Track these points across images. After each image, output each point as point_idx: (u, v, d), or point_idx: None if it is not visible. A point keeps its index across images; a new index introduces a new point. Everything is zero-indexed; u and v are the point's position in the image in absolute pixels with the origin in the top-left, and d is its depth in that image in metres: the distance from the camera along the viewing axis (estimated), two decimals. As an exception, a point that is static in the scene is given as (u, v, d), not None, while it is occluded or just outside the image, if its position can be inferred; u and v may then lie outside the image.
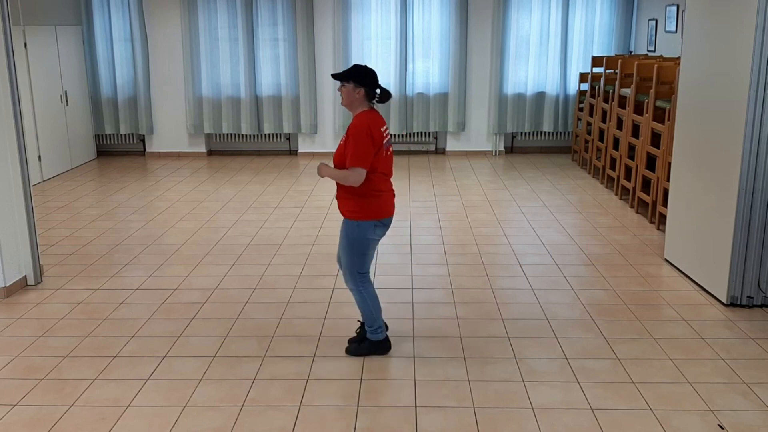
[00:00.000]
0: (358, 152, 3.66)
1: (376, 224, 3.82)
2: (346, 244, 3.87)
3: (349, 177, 3.70)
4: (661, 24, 9.21)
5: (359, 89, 3.75)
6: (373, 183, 3.77)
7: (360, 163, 3.67)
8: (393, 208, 3.91)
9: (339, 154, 3.80)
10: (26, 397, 3.66)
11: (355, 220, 3.81)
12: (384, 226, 3.88)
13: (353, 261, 3.89)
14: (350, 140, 3.70)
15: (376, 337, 4.05)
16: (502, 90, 10.28)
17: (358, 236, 3.82)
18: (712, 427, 3.36)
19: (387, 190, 3.86)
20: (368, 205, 3.79)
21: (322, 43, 10.19)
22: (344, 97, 3.79)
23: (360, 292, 3.96)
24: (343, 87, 3.79)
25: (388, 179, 3.88)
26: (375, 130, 3.71)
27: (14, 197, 5.13)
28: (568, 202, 7.66)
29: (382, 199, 3.82)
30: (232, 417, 3.46)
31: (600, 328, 4.45)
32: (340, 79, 3.78)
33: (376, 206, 3.80)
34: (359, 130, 3.68)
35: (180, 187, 8.53)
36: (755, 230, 4.63)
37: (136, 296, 5.04)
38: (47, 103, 9.00)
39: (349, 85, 3.76)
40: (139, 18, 10.03)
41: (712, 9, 4.91)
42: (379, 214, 3.81)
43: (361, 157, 3.66)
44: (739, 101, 4.54)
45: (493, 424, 3.39)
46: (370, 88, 3.76)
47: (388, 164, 3.85)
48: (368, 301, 3.97)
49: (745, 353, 4.10)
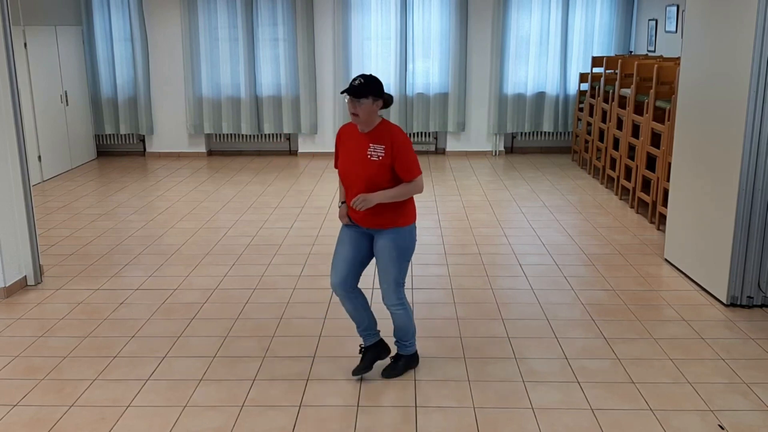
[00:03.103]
0: (415, 161, 3.56)
1: (415, 225, 3.71)
2: (396, 256, 3.61)
3: (415, 188, 3.56)
4: (661, 24, 9.21)
5: (378, 101, 3.52)
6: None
7: (420, 170, 3.58)
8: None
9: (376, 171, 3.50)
10: (26, 397, 3.66)
11: (405, 226, 3.63)
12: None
13: (401, 271, 3.66)
14: (402, 153, 3.51)
15: (411, 350, 3.89)
16: (502, 90, 10.28)
17: (411, 241, 3.66)
18: (712, 427, 3.36)
19: None
20: (410, 208, 3.66)
21: (322, 43, 10.19)
22: (362, 113, 3.48)
23: (404, 305, 3.74)
24: (359, 103, 3.47)
25: None
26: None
27: (14, 197, 5.13)
28: (568, 202, 7.66)
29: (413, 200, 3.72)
30: (232, 417, 3.46)
31: (600, 328, 4.45)
32: (357, 95, 3.46)
33: (413, 207, 3.70)
34: (406, 140, 3.54)
35: (180, 187, 8.53)
36: (755, 230, 4.63)
37: (136, 296, 5.04)
38: (47, 103, 9.00)
39: (368, 101, 3.48)
40: (139, 18, 10.03)
41: (712, 9, 4.91)
42: (415, 214, 3.71)
43: (418, 164, 3.57)
44: (739, 101, 4.54)
45: (493, 424, 3.39)
46: (385, 97, 3.60)
47: None
48: (408, 314, 3.77)
49: (745, 353, 4.10)
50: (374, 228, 3.64)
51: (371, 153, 3.52)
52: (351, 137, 3.64)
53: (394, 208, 3.58)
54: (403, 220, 3.61)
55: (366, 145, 3.54)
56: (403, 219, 3.61)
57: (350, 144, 3.63)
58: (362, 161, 3.54)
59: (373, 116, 3.54)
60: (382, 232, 3.63)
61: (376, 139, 3.53)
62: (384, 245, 3.62)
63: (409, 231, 3.64)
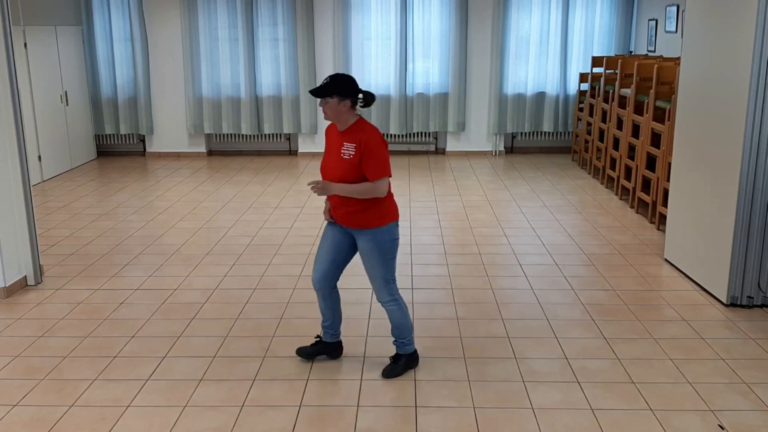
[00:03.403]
0: (382, 163, 3.56)
1: (397, 223, 3.74)
2: (378, 255, 3.67)
3: (376, 190, 3.56)
4: (661, 24, 9.21)
5: (345, 101, 3.54)
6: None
7: (386, 173, 3.58)
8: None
9: (346, 168, 3.57)
10: (26, 398, 3.66)
11: (383, 225, 3.65)
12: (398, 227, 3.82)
13: (388, 269, 3.70)
14: (370, 153, 3.53)
15: (409, 348, 3.89)
16: (502, 90, 10.28)
17: (389, 240, 3.68)
18: (712, 427, 3.36)
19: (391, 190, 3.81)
20: (388, 207, 3.68)
21: (322, 43, 10.19)
22: (329, 112, 3.56)
23: (397, 301, 3.77)
24: (325, 103, 3.55)
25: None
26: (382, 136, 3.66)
27: (14, 197, 5.13)
28: (568, 202, 7.66)
29: (393, 199, 3.76)
30: (232, 417, 3.46)
31: (600, 328, 4.45)
32: (321, 95, 3.54)
33: (393, 207, 3.72)
34: (377, 141, 3.55)
35: (180, 187, 8.53)
36: (755, 230, 4.63)
37: (136, 296, 5.04)
38: (47, 104, 9.01)
39: (333, 100, 3.53)
40: (139, 18, 10.03)
41: (712, 9, 4.91)
42: (396, 214, 3.74)
43: (385, 167, 3.57)
44: (739, 101, 4.54)
45: (493, 424, 3.39)
46: (354, 96, 3.57)
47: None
48: (404, 310, 3.80)
49: (745, 353, 4.10)
50: (352, 227, 3.70)
51: (344, 151, 3.59)
52: (332, 135, 3.73)
53: (369, 208, 3.62)
54: (379, 221, 3.65)
55: (341, 143, 3.61)
56: (379, 220, 3.65)
57: (330, 141, 3.73)
58: (336, 159, 3.62)
59: (344, 115, 3.59)
60: (361, 232, 3.68)
61: (350, 137, 3.58)
62: (364, 246, 3.70)
63: (387, 230, 3.67)
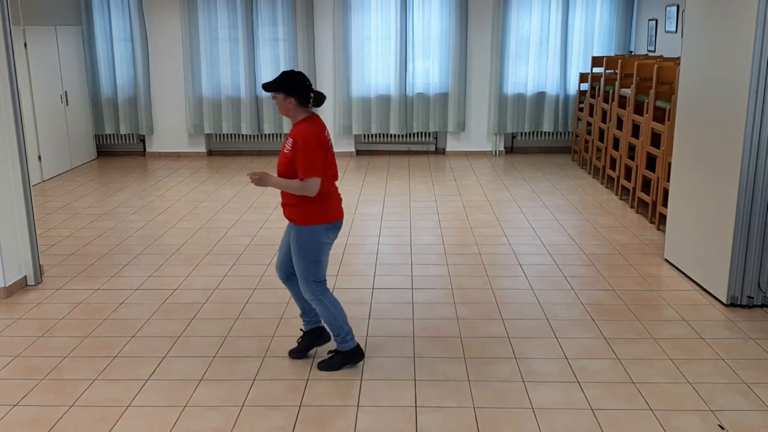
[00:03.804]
0: (310, 162, 3.59)
1: (328, 227, 3.74)
2: (299, 253, 3.73)
3: (304, 188, 3.61)
4: (661, 24, 9.22)
5: (290, 98, 3.62)
6: (324, 187, 3.69)
7: (315, 173, 3.59)
8: (342, 211, 3.83)
9: (284, 163, 3.67)
10: (26, 397, 3.66)
11: (307, 225, 3.70)
12: (336, 229, 3.80)
13: (308, 269, 3.74)
14: (300, 150, 3.59)
15: (347, 346, 3.90)
16: (502, 90, 10.29)
17: (311, 242, 3.71)
18: (712, 427, 3.36)
19: (334, 192, 3.79)
20: (319, 209, 3.70)
21: (322, 43, 10.19)
22: (279, 107, 3.68)
23: (320, 301, 3.80)
24: (275, 98, 3.67)
25: (334, 183, 3.80)
26: (322, 137, 3.66)
27: (14, 197, 5.13)
28: (568, 202, 7.66)
29: (333, 203, 3.76)
30: (232, 417, 3.47)
31: (600, 328, 4.45)
32: (269, 90, 3.66)
33: (327, 209, 3.72)
34: (308, 139, 3.59)
35: (180, 187, 8.53)
36: (755, 230, 4.63)
37: (136, 296, 5.04)
38: (47, 104, 9.01)
39: (280, 96, 3.64)
40: (139, 18, 10.03)
41: (712, 9, 4.91)
42: (331, 217, 3.74)
43: (314, 167, 3.60)
44: (739, 101, 4.54)
45: (493, 424, 3.39)
46: (301, 94, 3.63)
47: (335, 167, 3.78)
48: (330, 309, 3.82)
49: (745, 353, 4.10)
50: (288, 220, 3.83)
51: (286, 146, 3.71)
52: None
53: (299, 205, 3.71)
54: (306, 220, 3.70)
55: (288, 138, 3.72)
56: (306, 219, 3.70)
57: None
58: (282, 154, 3.74)
59: (291, 111, 3.68)
60: (293, 226, 3.79)
61: (292, 133, 3.69)
62: (291, 241, 3.81)
63: (311, 231, 3.70)
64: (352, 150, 10.62)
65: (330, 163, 3.73)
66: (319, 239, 3.72)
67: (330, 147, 3.76)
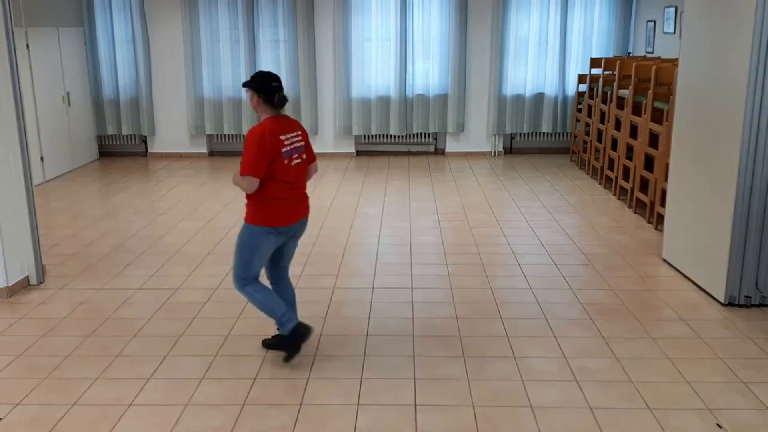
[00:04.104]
0: (248, 161, 3.67)
1: (270, 231, 3.79)
2: (237, 246, 3.86)
3: (241, 183, 3.71)
4: (660, 25, 9.24)
5: (254, 96, 3.76)
6: (270, 190, 3.74)
7: (250, 172, 3.66)
8: (291, 218, 3.84)
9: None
10: (28, 397, 3.69)
11: (249, 223, 3.80)
12: (279, 234, 3.83)
13: (239, 264, 3.85)
14: (244, 147, 3.72)
15: (285, 329, 3.93)
16: (502, 91, 10.31)
17: (250, 240, 3.79)
18: (711, 427, 3.38)
19: (285, 198, 3.80)
20: (264, 211, 3.77)
21: (323, 45, 10.21)
22: (250, 103, 3.83)
23: (245, 291, 3.91)
24: (248, 92, 3.84)
25: (292, 188, 3.82)
26: (270, 138, 3.67)
27: (17, 198, 5.15)
28: (567, 202, 7.68)
29: (279, 208, 3.79)
30: (233, 416, 3.49)
31: (599, 328, 4.47)
32: (245, 86, 3.83)
33: (270, 213, 3.77)
34: (252, 139, 3.68)
35: (182, 187, 8.55)
36: (753, 230, 4.66)
37: (137, 296, 5.07)
38: (50, 105, 9.03)
39: (249, 92, 3.80)
40: (140, 19, 10.06)
41: (711, 10, 4.93)
42: (272, 221, 3.78)
43: (250, 166, 3.66)
44: (737, 102, 4.56)
45: (492, 423, 3.41)
46: (266, 93, 3.72)
47: (291, 173, 3.79)
48: (256, 296, 3.90)
49: (743, 353, 4.13)
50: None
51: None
52: None
53: (250, 204, 3.82)
54: (248, 217, 3.83)
55: None
56: (249, 216, 3.82)
57: None
58: None
59: (258, 108, 3.80)
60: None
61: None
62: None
63: (250, 230, 3.80)
64: (352, 151, 10.64)
65: (282, 168, 3.74)
66: (258, 240, 3.79)
67: (284, 151, 3.74)
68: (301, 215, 3.94)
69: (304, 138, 3.93)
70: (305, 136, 3.95)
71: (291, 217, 3.85)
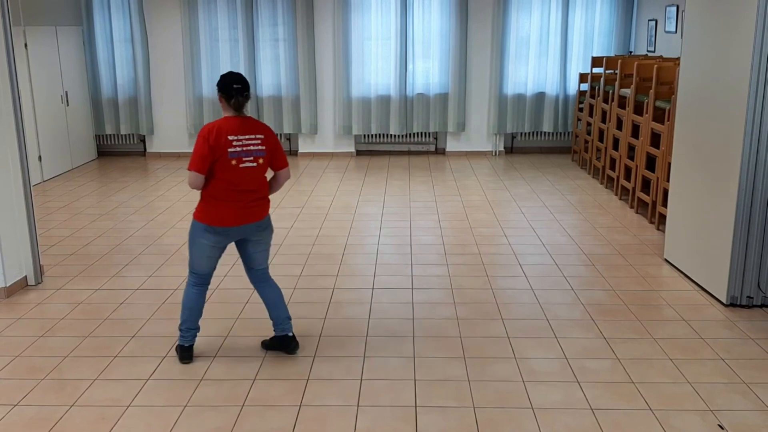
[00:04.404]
0: (193, 156, 3.72)
1: (206, 229, 3.80)
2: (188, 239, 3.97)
3: (188, 177, 3.78)
4: (661, 24, 9.22)
5: (218, 94, 3.81)
6: (211, 189, 3.76)
7: (192, 167, 3.71)
8: (231, 220, 3.79)
9: None
10: (27, 397, 3.67)
11: (194, 218, 3.87)
12: (216, 234, 3.81)
13: (190, 256, 3.94)
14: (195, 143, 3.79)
15: (179, 340, 4.04)
16: (502, 90, 10.29)
17: (192, 234, 3.88)
18: (712, 427, 3.36)
19: (226, 200, 3.77)
20: (204, 208, 3.81)
21: (323, 44, 10.19)
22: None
23: (187, 286, 4.00)
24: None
25: (239, 191, 3.77)
26: (216, 136, 3.67)
27: (15, 197, 5.13)
28: (568, 202, 7.67)
29: (217, 207, 3.78)
30: (232, 417, 3.47)
31: (600, 328, 4.45)
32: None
33: (208, 211, 3.79)
34: (200, 134, 3.72)
35: (180, 187, 8.53)
36: (755, 230, 4.64)
37: (136, 296, 5.05)
38: (48, 104, 9.01)
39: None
40: (139, 19, 10.04)
41: (712, 9, 4.91)
42: (209, 219, 3.79)
43: (194, 161, 3.70)
44: (739, 101, 4.54)
45: (493, 424, 3.39)
46: (226, 94, 3.74)
47: (237, 175, 3.74)
48: (184, 299, 3.99)
49: (744, 353, 4.11)
50: None
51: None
52: None
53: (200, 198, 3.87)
54: (195, 212, 3.87)
55: None
56: (195, 210, 3.88)
57: None
58: None
59: (221, 106, 3.82)
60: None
61: None
62: None
63: (194, 224, 3.88)
64: (352, 150, 10.62)
65: (228, 168, 3.71)
66: (196, 235, 3.86)
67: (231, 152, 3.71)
68: (249, 220, 3.86)
69: (269, 143, 3.83)
70: (271, 142, 3.84)
71: (230, 219, 3.80)
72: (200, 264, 3.93)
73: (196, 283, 3.97)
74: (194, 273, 3.97)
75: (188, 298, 3.99)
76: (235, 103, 3.75)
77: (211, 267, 3.96)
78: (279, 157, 3.92)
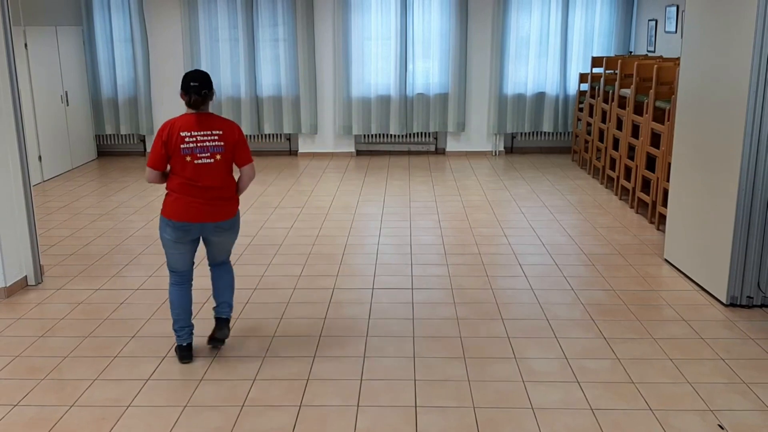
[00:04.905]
0: (150, 152, 3.84)
1: (167, 223, 3.88)
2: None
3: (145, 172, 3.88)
4: (661, 24, 9.22)
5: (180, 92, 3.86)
6: (171, 184, 3.87)
7: (148, 162, 3.85)
8: (188, 216, 3.83)
9: None
10: (27, 397, 3.67)
11: (161, 214, 3.95)
12: (175, 229, 3.85)
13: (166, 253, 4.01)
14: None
15: (177, 340, 4.06)
16: (502, 90, 10.29)
17: (160, 229, 3.95)
18: (712, 427, 3.36)
19: (185, 194, 3.82)
20: (165, 202, 3.92)
21: (323, 44, 10.19)
22: None
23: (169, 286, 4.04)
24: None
25: (195, 186, 3.81)
26: (169, 132, 3.75)
27: (15, 197, 5.13)
28: (568, 202, 7.66)
29: (177, 202, 3.85)
30: (232, 417, 3.47)
31: (600, 328, 4.45)
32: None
33: (168, 205, 3.89)
34: (157, 132, 3.82)
35: (180, 187, 8.52)
36: (755, 230, 4.64)
37: (136, 296, 5.05)
38: (48, 104, 9.01)
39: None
40: (139, 18, 10.04)
41: (712, 9, 4.91)
42: (169, 214, 3.88)
43: (149, 157, 3.84)
44: (739, 101, 4.54)
45: (493, 424, 3.39)
46: (184, 92, 3.80)
47: (192, 171, 3.79)
48: (170, 300, 4.03)
49: (744, 353, 4.11)
50: None
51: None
52: None
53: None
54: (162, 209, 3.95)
55: None
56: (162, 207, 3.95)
57: None
58: None
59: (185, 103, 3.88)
60: None
61: None
62: None
63: (161, 219, 3.95)
64: (352, 150, 10.62)
65: (185, 165, 3.78)
66: (161, 230, 3.94)
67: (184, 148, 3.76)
68: (210, 219, 3.88)
69: (228, 139, 3.84)
70: (231, 137, 3.85)
71: (187, 215, 3.84)
72: (173, 261, 3.97)
73: (175, 281, 4.01)
74: (171, 271, 4.02)
75: (171, 297, 4.03)
76: (188, 101, 3.80)
77: (184, 264, 3.98)
78: (241, 154, 3.92)
